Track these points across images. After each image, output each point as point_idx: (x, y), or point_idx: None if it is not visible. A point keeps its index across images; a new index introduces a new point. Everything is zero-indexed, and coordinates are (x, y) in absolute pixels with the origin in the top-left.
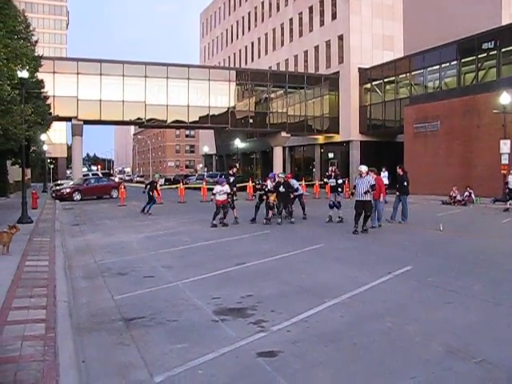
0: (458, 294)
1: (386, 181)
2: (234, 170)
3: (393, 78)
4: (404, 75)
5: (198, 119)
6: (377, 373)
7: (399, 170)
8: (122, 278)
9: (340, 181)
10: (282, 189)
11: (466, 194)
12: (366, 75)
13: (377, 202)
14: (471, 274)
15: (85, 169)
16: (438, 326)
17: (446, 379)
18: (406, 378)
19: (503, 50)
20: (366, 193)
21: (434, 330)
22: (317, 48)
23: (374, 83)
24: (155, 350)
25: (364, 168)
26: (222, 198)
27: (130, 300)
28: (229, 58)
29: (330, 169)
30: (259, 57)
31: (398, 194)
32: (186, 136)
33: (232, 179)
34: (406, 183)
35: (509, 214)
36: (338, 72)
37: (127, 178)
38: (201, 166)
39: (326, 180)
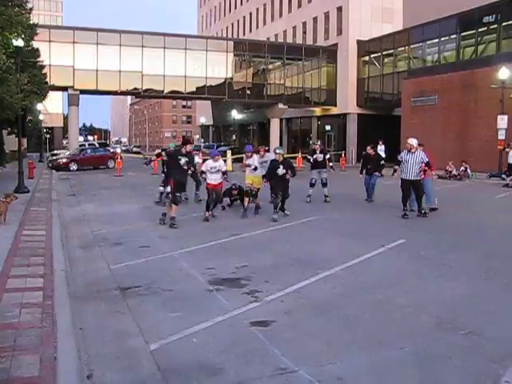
0: (450, 268)
1: (382, 154)
2: (189, 147)
3: (391, 51)
4: (403, 48)
5: (195, 90)
6: (367, 343)
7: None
8: (118, 248)
9: (328, 155)
10: (280, 171)
11: (462, 168)
12: (364, 48)
13: (426, 181)
14: (464, 248)
15: (81, 139)
16: (429, 299)
17: (433, 350)
18: (396, 348)
19: (504, 23)
20: (419, 172)
21: (425, 302)
22: (315, 19)
23: (372, 56)
24: (150, 319)
25: (414, 141)
26: (214, 179)
27: (126, 270)
28: (227, 28)
29: (318, 143)
30: (257, 27)
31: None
32: (183, 106)
33: (184, 160)
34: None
35: (504, 190)
36: (337, 44)
37: (123, 148)
38: (197, 136)
39: (309, 156)
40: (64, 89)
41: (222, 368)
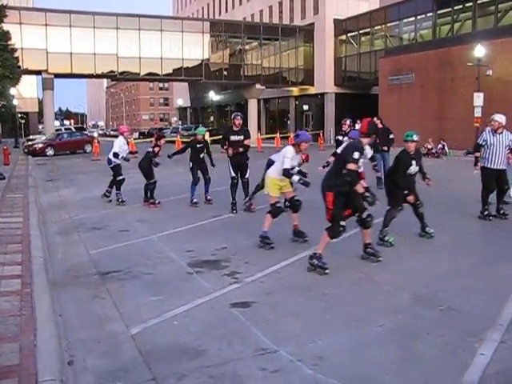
0: (428, 244)
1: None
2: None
3: (368, 30)
4: (379, 27)
5: (171, 72)
6: (346, 321)
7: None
8: (96, 233)
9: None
10: (414, 168)
11: (440, 146)
12: (341, 27)
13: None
14: (442, 225)
15: (57, 123)
16: (407, 276)
17: (411, 326)
18: (375, 325)
19: (479, 1)
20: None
21: (403, 279)
22: None
23: (349, 35)
24: (131, 303)
25: (503, 118)
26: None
27: (105, 254)
28: (202, 9)
29: (347, 121)
30: (233, 8)
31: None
32: (160, 89)
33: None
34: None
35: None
36: (313, 23)
37: (101, 131)
38: (175, 119)
39: (340, 138)
40: (38, 73)
41: (203, 350)
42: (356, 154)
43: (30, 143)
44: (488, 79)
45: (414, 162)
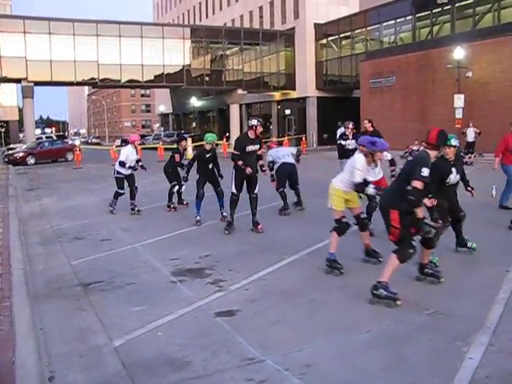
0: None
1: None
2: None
3: (348, 34)
4: (360, 30)
5: (152, 78)
6: (333, 328)
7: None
8: (78, 243)
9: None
10: (454, 177)
11: (422, 148)
12: (321, 31)
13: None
14: None
15: (38, 131)
16: (395, 280)
17: (399, 331)
18: (363, 331)
19: (457, 4)
20: None
21: (391, 283)
22: (272, 3)
23: (329, 39)
24: (114, 314)
25: None
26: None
27: (88, 264)
28: (183, 14)
29: (350, 125)
30: (214, 13)
31: None
32: (142, 95)
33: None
34: None
35: (465, 167)
36: (294, 28)
37: (82, 139)
38: (157, 125)
39: (343, 142)
40: (17, 81)
41: (188, 361)
42: (425, 171)
43: (10, 152)
44: (468, 81)
45: (454, 170)
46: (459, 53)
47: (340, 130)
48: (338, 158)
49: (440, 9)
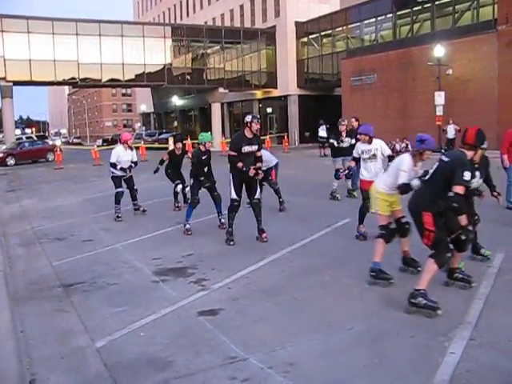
0: (396, 244)
1: (324, 134)
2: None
3: (329, 32)
4: (340, 28)
5: (133, 77)
6: (316, 326)
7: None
8: (60, 244)
9: (354, 140)
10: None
11: (403, 145)
12: (302, 29)
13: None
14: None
15: (18, 132)
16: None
17: (381, 328)
18: (345, 328)
19: (437, 2)
20: None
21: (372, 280)
22: (253, 2)
23: (310, 37)
24: (96, 315)
25: None
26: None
27: (69, 265)
28: (163, 13)
29: (344, 122)
30: (194, 12)
31: None
32: (123, 95)
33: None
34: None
35: None
36: (275, 26)
37: (63, 139)
38: (139, 124)
39: (332, 140)
40: None
41: (171, 361)
42: (467, 175)
43: None
44: (448, 78)
45: (478, 174)
46: (439, 50)
47: (322, 128)
48: (331, 157)
49: (420, 7)
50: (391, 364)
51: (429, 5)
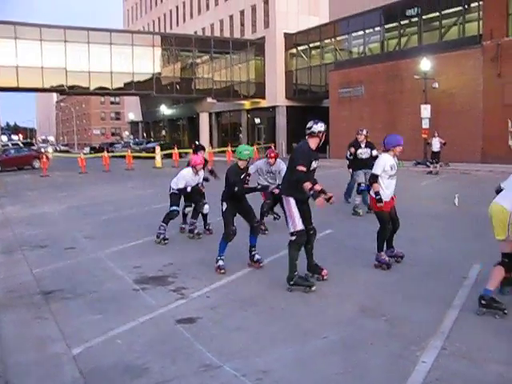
0: (373, 255)
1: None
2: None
3: (318, 44)
4: (329, 40)
5: (122, 86)
6: (292, 335)
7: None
8: (41, 251)
9: (375, 152)
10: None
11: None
12: (291, 40)
13: None
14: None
15: (5, 138)
16: (354, 287)
17: (356, 337)
18: (320, 337)
19: (424, 17)
20: None
21: (350, 290)
22: (242, 12)
23: (299, 48)
24: (74, 322)
25: None
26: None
27: (50, 273)
28: (153, 22)
29: (363, 132)
30: (184, 21)
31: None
32: (111, 103)
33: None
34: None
35: (430, 177)
36: (264, 37)
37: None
38: (127, 133)
39: (358, 151)
40: None
41: (146, 368)
42: None
43: None
44: (434, 91)
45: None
46: (426, 64)
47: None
48: (350, 170)
49: (408, 21)
50: (363, 373)
51: (416, 19)
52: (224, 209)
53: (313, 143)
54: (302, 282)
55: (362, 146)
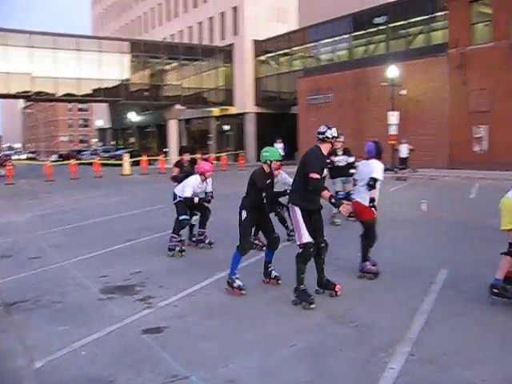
0: (343, 261)
1: (281, 152)
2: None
3: (287, 51)
4: (298, 48)
5: (90, 92)
6: (260, 343)
7: None
8: (5, 261)
9: (352, 158)
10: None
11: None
12: (260, 47)
13: None
14: (357, 242)
15: None
16: (322, 294)
17: (324, 344)
18: (288, 345)
19: (391, 25)
20: None
21: (318, 297)
22: (211, 19)
23: (268, 55)
24: (37, 334)
25: None
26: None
27: (14, 283)
28: (121, 28)
29: (341, 138)
30: (153, 28)
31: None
32: (79, 110)
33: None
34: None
35: (398, 183)
36: (233, 44)
37: (16, 155)
38: (95, 140)
39: (336, 159)
40: None
41: (112, 380)
42: None
43: None
44: (402, 98)
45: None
46: (393, 71)
47: (279, 147)
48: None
49: (375, 28)
50: (331, 380)
51: (384, 27)
52: (244, 218)
53: (325, 149)
54: (303, 296)
55: (340, 153)
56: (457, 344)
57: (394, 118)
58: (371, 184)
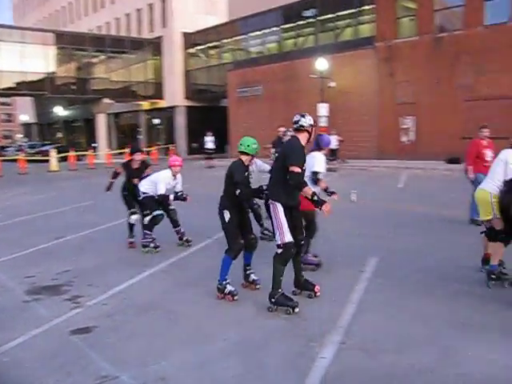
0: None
1: (211, 145)
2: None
3: (217, 43)
4: (227, 40)
5: (12, 85)
6: (191, 338)
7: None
8: None
9: None
10: None
11: None
12: (189, 40)
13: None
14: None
15: None
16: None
17: (256, 337)
18: (220, 339)
19: (320, 18)
20: None
21: (249, 290)
22: (139, 11)
23: (198, 48)
24: None
25: None
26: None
27: None
28: (44, 18)
29: (282, 129)
30: (79, 19)
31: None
32: (2, 104)
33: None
34: None
35: (328, 174)
36: (162, 36)
37: None
38: (20, 136)
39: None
40: None
41: None
42: None
43: None
44: (331, 91)
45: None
46: (321, 64)
47: (210, 140)
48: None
49: (305, 21)
50: (263, 373)
51: (313, 20)
52: (228, 219)
53: (303, 139)
54: (284, 301)
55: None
56: (386, 331)
57: (323, 109)
58: (313, 178)
